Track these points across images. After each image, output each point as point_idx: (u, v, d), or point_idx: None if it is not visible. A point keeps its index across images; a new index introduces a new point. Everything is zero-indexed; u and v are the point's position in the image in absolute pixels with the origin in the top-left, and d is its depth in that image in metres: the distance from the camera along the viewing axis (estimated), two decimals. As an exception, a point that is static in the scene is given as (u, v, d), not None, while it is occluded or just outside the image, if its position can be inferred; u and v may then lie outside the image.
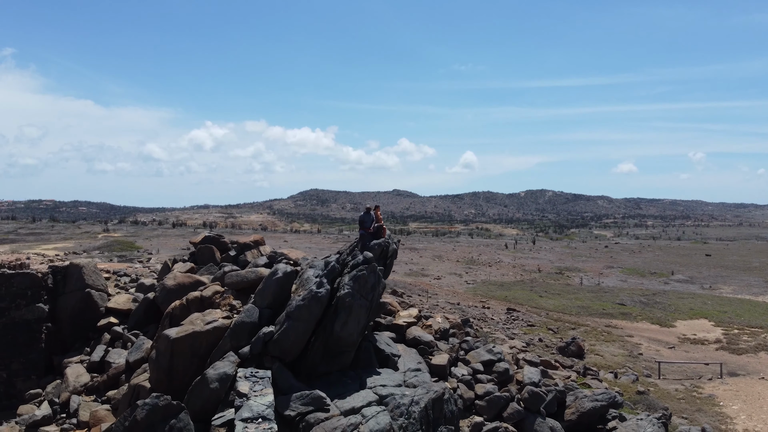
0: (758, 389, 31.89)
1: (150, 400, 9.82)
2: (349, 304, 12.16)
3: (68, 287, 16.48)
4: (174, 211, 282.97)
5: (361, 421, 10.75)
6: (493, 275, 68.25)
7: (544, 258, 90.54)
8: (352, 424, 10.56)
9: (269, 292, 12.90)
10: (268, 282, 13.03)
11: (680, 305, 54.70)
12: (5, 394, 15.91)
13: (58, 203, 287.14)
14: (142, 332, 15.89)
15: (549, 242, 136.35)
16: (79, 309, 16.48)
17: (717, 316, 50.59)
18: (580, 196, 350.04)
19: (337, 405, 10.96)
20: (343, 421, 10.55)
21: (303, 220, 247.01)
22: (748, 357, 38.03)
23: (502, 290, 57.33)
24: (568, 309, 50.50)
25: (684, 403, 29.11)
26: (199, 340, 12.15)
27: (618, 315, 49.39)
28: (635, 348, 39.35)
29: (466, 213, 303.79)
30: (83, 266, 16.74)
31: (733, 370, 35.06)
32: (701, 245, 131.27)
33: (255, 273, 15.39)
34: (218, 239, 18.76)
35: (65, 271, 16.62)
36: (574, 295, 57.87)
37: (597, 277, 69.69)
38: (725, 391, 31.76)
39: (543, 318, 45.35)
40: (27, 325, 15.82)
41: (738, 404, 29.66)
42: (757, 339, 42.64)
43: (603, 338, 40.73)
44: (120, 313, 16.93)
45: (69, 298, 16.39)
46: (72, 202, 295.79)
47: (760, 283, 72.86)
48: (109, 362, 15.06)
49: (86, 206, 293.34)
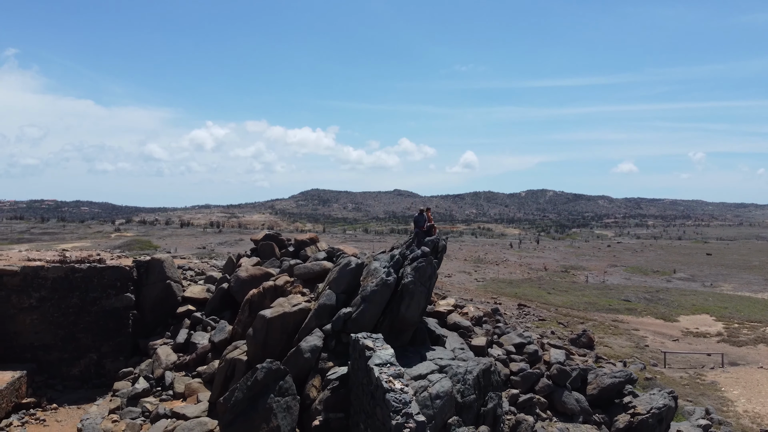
0: (757, 377, 34.52)
1: (266, 365, 12.24)
2: (412, 290, 14.60)
3: (150, 279, 18.87)
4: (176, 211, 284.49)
5: (429, 384, 13.17)
6: (501, 273, 70.76)
7: (549, 257, 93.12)
8: (422, 386, 12.98)
9: (344, 281, 15.36)
10: (342, 272, 15.48)
11: (683, 301, 57.27)
12: (96, 374, 18.30)
13: (60, 203, 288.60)
14: (218, 317, 18.33)
15: (552, 242, 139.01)
16: (159, 298, 18.88)
17: (718, 311, 53.20)
18: (581, 195, 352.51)
19: (407, 372, 13.37)
20: (415, 384, 12.97)
21: (305, 219, 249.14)
22: (747, 348, 40.64)
23: (511, 287, 59.84)
24: (575, 305, 53.01)
25: (688, 388, 31.63)
26: (287, 319, 14.58)
27: (624, 310, 51.95)
28: (641, 340, 41.91)
29: (468, 213, 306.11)
30: (164, 260, 19.14)
31: (734, 360, 37.67)
32: (702, 245, 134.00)
33: (319, 265, 17.84)
34: (277, 237, 21.18)
35: (147, 265, 19.01)
36: (581, 292, 60.40)
37: (602, 276, 72.24)
38: (726, 378, 34.34)
39: (552, 313, 47.87)
40: (116, 312, 18.22)
41: (738, 390, 32.28)
42: (756, 332, 45.26)
43: (611, 331, 43.24)
44: (195, 301, 19.34)
45: (151, 288, 18.79)
46: (74, 202, 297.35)
47: (760, 281, 75.53)
48: (194, 343, 17.46)
49: (88, 206, 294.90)
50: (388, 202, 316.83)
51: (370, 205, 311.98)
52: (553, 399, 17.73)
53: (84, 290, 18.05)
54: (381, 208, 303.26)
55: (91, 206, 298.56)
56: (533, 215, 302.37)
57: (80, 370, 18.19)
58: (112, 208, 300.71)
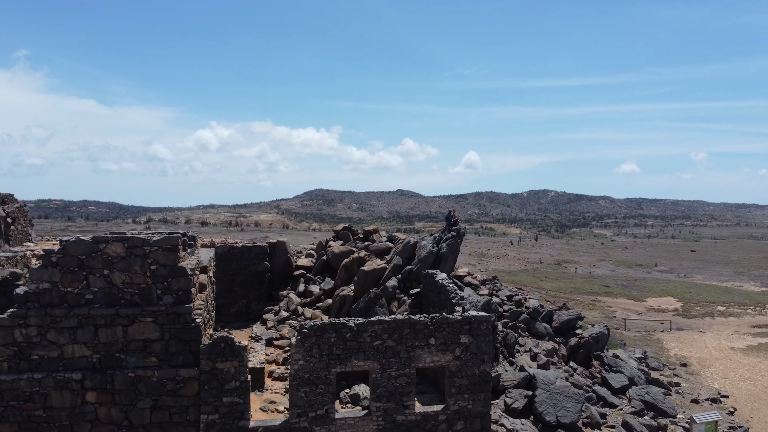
0: (693, 336, 47.01)
1: (372, 291, 24.19)
2: (446, 256, 26.58)
3: (277, 253, 30.76)
4: (182, 211, 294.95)
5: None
6: (501, 266, 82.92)
7: (545, 252, 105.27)
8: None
9: (406, 252, 27.38)
10: (405, 246, 27.53)
11: (654, 288, 69.50)
12: (245, 313, 30.17)
13: (67, 203, 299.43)
14: (322, 277, 30.35)
15: (550, 240, 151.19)
16: (282, 266, 30.81)
17: (681, 295, 65.48)
18: (582, 196, 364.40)
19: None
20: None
21: (311, 219, 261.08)
22: (695, 320, 52.99)
23: (509, 276, 71.99)
24: (563, 289, 65.20)
25: (638, 342, 43.88)
26: (375, 273, 26.58)
27: (602, 293, 64.20)
28: (611, 313, 54.27)
29: (470, 213, 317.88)
30: (285, 242, 31.12)
31: (680, 327, 50.04)
32: (691, 243, 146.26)
33: (384, 245, 29.91)
34: (351, 227, 33.21)
35: (275, 245, 30.95)
36: (569, 280, 72.61)
37: (590, 268, 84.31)
38: (669, 336, 46.82)
39: (543, 295, 59.97)
40: (258, 274, 30.16)
41: (676, 343, 44.69)
42: (706, 309, 57.62)
43: (588, 307, 55.48)
44: (304, 267, 31.31)
45: (278, 260, 30.71)
46: (81, 201, 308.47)
47: (730, 273, 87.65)
48: (309, 291, 29.44)
49: (95, 206, 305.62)
50: (391, 202, 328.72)
51: (374, 205, 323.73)
52: (529, 326, 29.61)
53: (238, 260, 30.00)
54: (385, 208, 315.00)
55: (99, 206, 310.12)
56: (535, 215, 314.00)
57: (236, 310, 30.14)
58: (119, 208, 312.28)
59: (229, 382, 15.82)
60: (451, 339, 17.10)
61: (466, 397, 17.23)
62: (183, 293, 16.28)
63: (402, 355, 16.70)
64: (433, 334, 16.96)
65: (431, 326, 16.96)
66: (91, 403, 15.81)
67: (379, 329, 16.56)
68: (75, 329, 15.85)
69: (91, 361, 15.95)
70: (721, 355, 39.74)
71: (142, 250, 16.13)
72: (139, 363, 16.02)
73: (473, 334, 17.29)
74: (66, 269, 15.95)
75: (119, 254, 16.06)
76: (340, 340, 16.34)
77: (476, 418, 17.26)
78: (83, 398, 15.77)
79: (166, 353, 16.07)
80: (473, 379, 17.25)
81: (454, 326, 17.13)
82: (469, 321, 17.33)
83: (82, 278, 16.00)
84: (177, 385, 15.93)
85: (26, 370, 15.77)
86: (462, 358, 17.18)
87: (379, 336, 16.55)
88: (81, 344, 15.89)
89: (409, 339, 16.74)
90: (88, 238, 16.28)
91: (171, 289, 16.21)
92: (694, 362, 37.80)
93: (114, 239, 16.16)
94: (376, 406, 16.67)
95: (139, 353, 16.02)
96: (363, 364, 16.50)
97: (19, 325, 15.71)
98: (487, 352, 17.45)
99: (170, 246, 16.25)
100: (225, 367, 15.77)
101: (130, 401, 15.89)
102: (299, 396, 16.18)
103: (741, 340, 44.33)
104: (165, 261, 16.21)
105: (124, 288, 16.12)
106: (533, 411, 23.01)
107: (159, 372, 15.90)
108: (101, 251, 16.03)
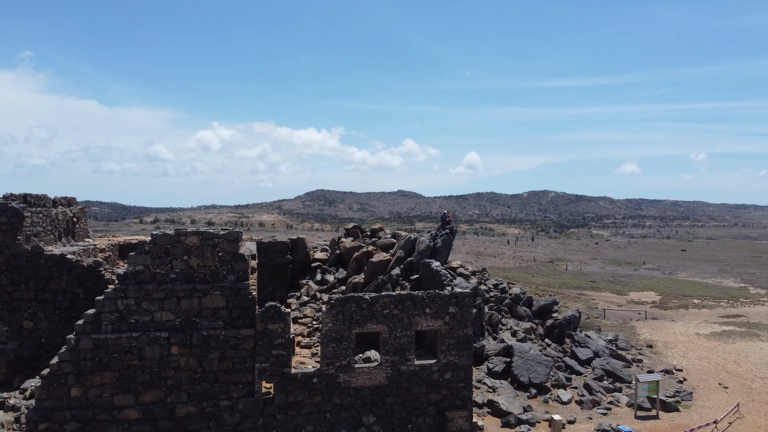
0: (666, 324, 52.79)
1: (380, 277, 29.99)
2: (440, 249, 32.43)
3: (298, 248, 36.62)
4: (184, 211, 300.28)
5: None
6: (497, 263, 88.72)
7: (540, 251, 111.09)
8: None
9: (408, 246, 33.25)
10: (407, 242, 33.38)
11: (638, 283, 75.27)
12: (271, 298, 35.97)
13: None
14: (336, 268, 36.22)
15: (547, 240, 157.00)
16: (302, 259, 36.69)
17: (662, 289, 71.26)
18: (582, 197, 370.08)
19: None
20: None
21: (313, 220, 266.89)
22: (671, 311, 58.74)
23: (503, 272, 77.82)
24: (552, 284, 70.98)
25: (614, 328, 49.62)
26: (382, 263, 32.44)
27: (588, 288, 69.95)
28: (594, 304, 60.02)
29: (470, 213, 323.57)
30: (304, 239, 37.00)
31: (655, 317, 55.77)
32: (685, 242, 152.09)
33: (389, 241, 35.77)
34: (359, 226, 39.10)
35: (296, 241, 36.80)
36: (559, 276, 78.38)
37: (581, 265, 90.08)
38: (642, 324, 52.58)
39: (533, 289, 65.70)
40: (282, 265, 36.01)
41: (647, 330, 50.43)
42: (682, 302, 63.37)
43: (573, 300, 61.25)
44: (320, 260, 37.19)
45: (299, 253, 36.58)
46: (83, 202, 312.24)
47: (714, 270, 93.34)
48: (326, 279, 35.29)
49: (98, 206, 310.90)
50: (392, 203, 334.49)
51: (375, 206, 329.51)
52: (511, 309, 35.45)
53: (265, 254, 35.81)
54: (386, 209, 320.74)
55: (102, 206, 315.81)
56: (535, 216, 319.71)
57: (263, 296, 35.92)
58: (122, 209, 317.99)
59: (276, 339, 21.64)
60: (442, 309, 22.91)
61: (453, 353, 23.04)
62: (242, 273, 22.10)
63: (405, 321, 22.51)
64: (428, 305, 22.77)
65: (427, 299, 22.77)
66: (174, 355, 21.62)
67: (388, 301, 22.37)
68: (162, 300, 21.65)
69: (175, 323, 21.74)
70: (686, 339, 45.51)
71: (212, 241, 21.94)
72: (210, 325, 21.82)
73: (459, 305, 23.10)
74: (155, 255, 21.75)
75: (195, 244, 21.87)
76: (358, 309, 22.17)
77: (461, 369, 23.07)
78: (168, 351, 21.57)
79: (230, 317, 21.87)
80: (458, 339, 23.05)
81: (444, 299, 22.95)
82: (456, 296, 23.16)
83: (167, 262, 21.80)
84: (238, 342, 21.73)
85: (126, 330, 21.57)
86: (450, 324, 23.00)
87: (388, 306, 22.35)
88: (167, 311, 21.69)
89: (410, 309, 22.55)
90: (171, 232, 22.07)
91: (233, 270, 22.02)
92: (660, 345, 43.58)
93: (191, 233, 21.98)
94: (385, 359, 22.47)
95: (210, 318, 21.81)
96: (375, 327, 22.31)
97: (120, 297, 21.52)
98: (469, 319, 23.24)
99: (233, 238, 22.06)
100: (274, 328, 21.59)
101: (204, 353, 21.68)
102: (328, 350, 22.00)
103: (707, 328, 50.08)
104: (229, 249, 22.01)
105: (199, 269, 21.91)
106: (510, 373, 28.85)
107: (225, 332, 21.70)
108: (182, 242, 21.84)
